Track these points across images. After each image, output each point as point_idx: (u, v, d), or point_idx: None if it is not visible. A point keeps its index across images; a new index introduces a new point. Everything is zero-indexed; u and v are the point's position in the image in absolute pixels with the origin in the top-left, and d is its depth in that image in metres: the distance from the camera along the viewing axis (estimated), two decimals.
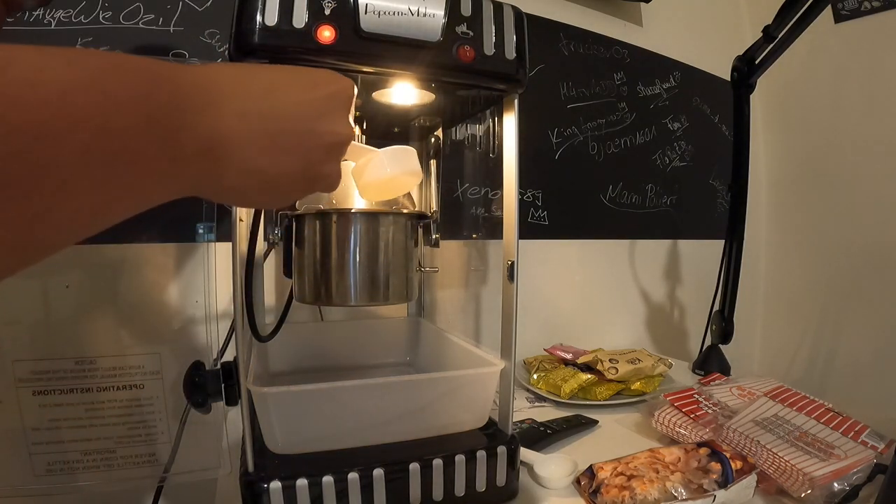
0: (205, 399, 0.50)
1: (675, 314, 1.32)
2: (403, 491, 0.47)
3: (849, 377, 1.27)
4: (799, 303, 1.43)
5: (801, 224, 1.43)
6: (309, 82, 0.31)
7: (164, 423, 0.68)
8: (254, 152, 0.27)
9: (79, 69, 0.18)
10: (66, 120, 0.17)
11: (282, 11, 0.40)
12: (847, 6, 1.26)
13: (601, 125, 1.17)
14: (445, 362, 0.66)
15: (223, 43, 0.75)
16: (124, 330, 0.69)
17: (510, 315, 0.53)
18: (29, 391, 0.62)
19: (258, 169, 0.28)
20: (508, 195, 0.53)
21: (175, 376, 0.68)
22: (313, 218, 0.53)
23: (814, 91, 1.36)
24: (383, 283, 0.54)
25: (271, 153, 0.28)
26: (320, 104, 0.30)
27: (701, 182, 1.39)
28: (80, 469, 0.64)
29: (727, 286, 0.98)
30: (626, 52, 1.21)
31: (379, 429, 0.49)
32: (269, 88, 0.28)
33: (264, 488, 0.43)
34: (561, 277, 1.13)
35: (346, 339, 0.76)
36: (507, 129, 0.53)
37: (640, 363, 0.83)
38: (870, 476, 0.52)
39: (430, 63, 0.45)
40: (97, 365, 0.65)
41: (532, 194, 1.08)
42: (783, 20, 0.79)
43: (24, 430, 0.62)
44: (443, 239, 0.68)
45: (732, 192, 0.98)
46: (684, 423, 0.65)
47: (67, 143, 0.18)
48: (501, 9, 0.48)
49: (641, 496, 0.49)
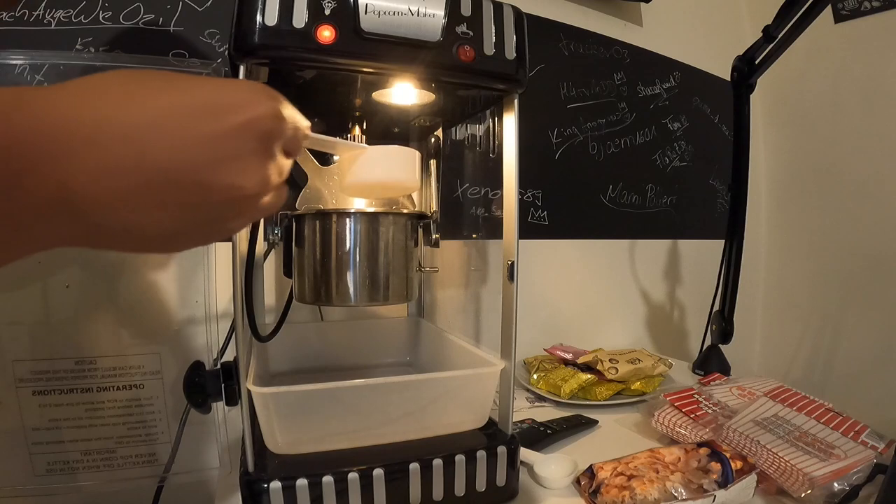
0: (205, 399, 0.50)
1: (675, 314, 1.32)
2: (403, 491, 0.47)
3: (849, 377, 1.27)
4: (799, 303, 1.43)
5: (801, 224, 1.43)
6: (208, 110, 0.22)
7: (164, 423, 0.68)
8: (119, 212, 0.21)
9: None
10: None
11: (282, 11, 0.40)
12: (847, 6, 1.26)
13: (601, 125, 1.17)
14: (445, 362, 0.66)
15: (223, 43, 0.75)
16: (124, 330, 0.69)
17: (510, 315, 0.53)
18: (29, 391, 0.62)
19: (129, 228, 0.22)
20: (508, 195, 0.53)
21: (175, 376, 0.68)
22: (313, 218, 0.53)
23: (814, 91, 1.36)
24: (383, 283, 0.54)
25: (144, 211, 0.22)
26: (219, 145, 0.22)
27: (701, 182, 1.39)
28: (80, 469, 0.64)
29: (727, 286, 0.98)
30: (626, 52, 1.21)
31: (379, 429, 0.49)
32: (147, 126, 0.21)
33: (264, 488, 0.43)
34: (561, 277, 1.13)
35: (346, 339, 0.76)
36: (507, 129, 0.53)
37: (640, 363, 0.83)
38: (870, 476, 0.52)
39: (430, 63, 0.45)
40: (97, 365, 0.65)
41: (532, 194, 1.08)
42: (783, 20, 0.79)
43: (24, 429, 0.62)
44: (443, 239, 0.68)
45: (732, 192, 0.98)
46: (684, 423, 0.65)
47: None
48: (501, 9, 0.48)
49: (641, 496, 0.49)
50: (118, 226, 0.21)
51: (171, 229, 0.23)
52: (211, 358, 0.68)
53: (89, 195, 0.20)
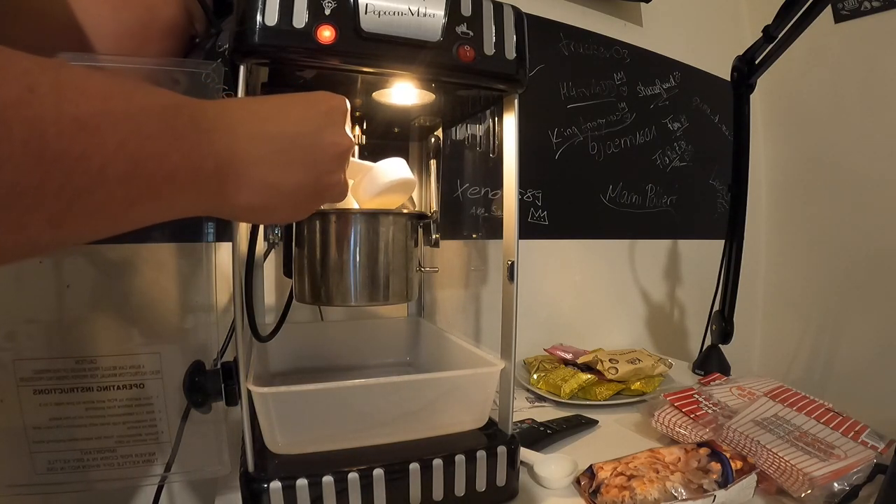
0: (205, 399, 0.50)
1: (675, 314, 1.32)
2: (403, 491, 0.47)
3: (849, 377, 1.27)
4: (799, 303, 1.43)
5: (801, 224, 1.43)
6: (307, 103, 0.34)
7: (165, 422, 0.68)
8: (266, 169, 0.30)
9: (119, 81, 0.22)
10: (108, 118, 0.21)
11: (282, 11, 0.40)
12: (847, 6, 1.26)
13: (601, 125, 1.17)
14: (445, 362, 0.66)
15: (223, 43, 0.75)
16: (125, 329, 0.69)
17: (510, 315, 0.53)
18: (30, 390, 0.62)
19: (272, 184, 0.30)
20: (508, 195, 0.53)
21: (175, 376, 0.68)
22: (313, 218, 0.53)
23: (814, 91, 1.36)
24: (383, 284, 0.54)
25: (283, 168, 0.31)
26: (320, 119, 0.34)
27: (701, 182, 1.39)
28: (80, 468, 0.64)
29: (727, 286, 0.98)
30: (626, 52, 1.21)
31: (379, 429, 0.49)
32: (274, 112, 0.32)
33: (264, 488, 0.43)
34: (561, 277, 1.13)
35: (346, 339, 0.76)
36: (507, 129, 0.53)
37: (640, 363, 0.83)
38: (870, 476, 0.52)
39: (430, 63, 0.45)
40: (97, 364, 0.65)
41: (532, 194, 1.08)
42: (783, 20, 0.79)
43: (24, 428, 0.62)
44: (443, 239, 0.68)
45: (732, 193, 0.98)
46: (684, 423, 0.65)
47: (107, 137, 0.21)
48: (501, 9, 0.48)
49: (641, 496, 0.49)
50: (265, 182, 0.30)
51: (297, 182, 0.32)
52: (211, 358, 0.68)
53: (247, 155, 0.29)
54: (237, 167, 0.28)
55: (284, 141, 0.31)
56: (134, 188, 0.23)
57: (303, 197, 0.33)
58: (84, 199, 0.21)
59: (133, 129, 0.22)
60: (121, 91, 0.22)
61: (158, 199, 0.24)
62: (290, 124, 0.32)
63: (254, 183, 0.29)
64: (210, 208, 0.29)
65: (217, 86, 0.51)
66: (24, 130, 0.18)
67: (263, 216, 0.34)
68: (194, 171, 0.26)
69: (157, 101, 0.24)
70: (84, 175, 0.20)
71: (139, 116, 0.23)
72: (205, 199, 0.28)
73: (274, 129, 0.31)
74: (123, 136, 0.22)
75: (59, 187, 0.20)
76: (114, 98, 0.22)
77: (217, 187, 0.28)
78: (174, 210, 0.26)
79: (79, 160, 0.20)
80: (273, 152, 0.30)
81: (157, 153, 0.23)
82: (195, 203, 0.27)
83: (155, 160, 0.23)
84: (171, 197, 0.25)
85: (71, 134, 0.20)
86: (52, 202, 0.20)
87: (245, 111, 0.30)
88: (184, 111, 0.25)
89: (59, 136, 0.19)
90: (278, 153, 0.31)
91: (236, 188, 0.29)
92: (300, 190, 0.33)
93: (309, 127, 0.33)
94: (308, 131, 0.33)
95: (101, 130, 0.21)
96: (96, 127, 0.21)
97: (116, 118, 0.21)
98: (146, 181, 0.23)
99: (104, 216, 0.22)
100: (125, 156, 0.22)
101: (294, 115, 0.32)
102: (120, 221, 0.24)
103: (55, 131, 0.19)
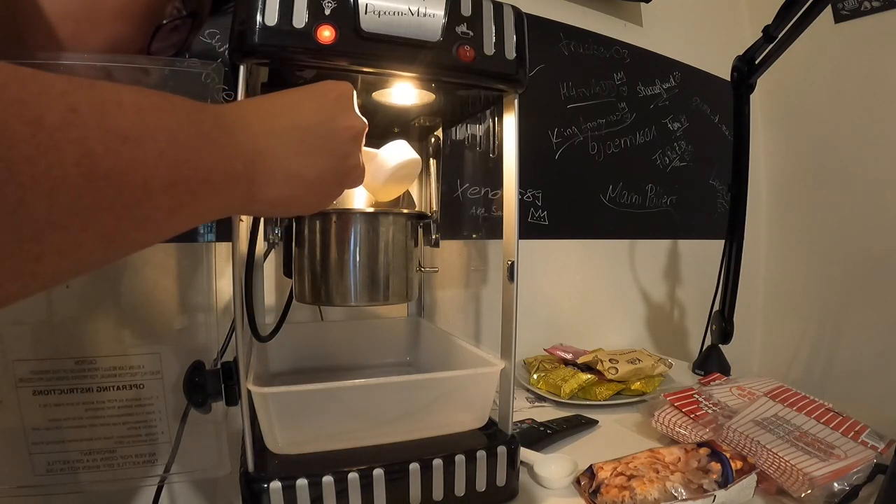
0: (205, 399, 0.50)
1: (675, 314, 1.32)
2: (403, 491, 0.47)
3: (849, 377, 1.27)
4: (799, 303, 1.43)
5: (801, 224, 1.43)
6: (317, 93, 0.35)
7: (165, 422, 0.67)
8: (289, 161, 0.31)
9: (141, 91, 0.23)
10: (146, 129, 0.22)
11: (282, 11, 0.40)
12: (847, 6, 1.26)
13: (601, 125, 1.17)
14: (445, 362, 0.66)
15: (223, 43, 0.75)
16: (124, 330, 0.69)
17: (510, 315, 0.53)
18: (29, 391, 0.62)
19: (296, 174, 0.32)
20: (508, 195, 0.53)
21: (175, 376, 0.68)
22: (313, 218, 0.53)
23: (814, 91, 1.36)
24: (383, 283, 0.54)
25: (304, 158, 0.32)
26: (332, 107, 0.35)
27: (701, 182, 1.39)
28: (80, 468, 0.64)
29: (727, 286, 0.98)
30: (626, 52, 1.21)
31: (379, 429, 0.49)
32: (287, 107, 0.33)
33: (264, 488, 0.43)
34: (561, 277, 1.13)
35: (346, 339, 0.76)
36: (507, 129, 0.53)
37: (640, 363, 0.83)
38: (870, 476, 0.52)
39: (430, 63, 0.45)
40: (97, 365, 0.65)
41: (532, 194, 1.08)
42: (783, 20, 0.79)
43: (24, 429, 0.62)
44: (443, 239, 0.68)
45: (732, 193, 0.98)
46: (684, 423, 0.65)
47: (148, 148, 0.22)
48: (501, 9, 0.48)
49: (641, 496, 0.49)
50: (290, 171, 0.31)
51: (319, 170, 0.33)
52: (211, 358, 0.68)
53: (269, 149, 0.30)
54: (262, 163, 0.29)
55: (302, 132, 0.32)
56: (175, 196, 0.23)
57: (325, 184, 0.35)
58: (132, 212, 0.21)
59: (169, 138, 0.23)
60: (149, 101, 0.23)
61: (196, 203, 0.25)
62: (304, 116, 0.33)
63: (279, 176, 0.31)
64: (240, 206, 0.30)
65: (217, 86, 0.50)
66: (75, 151, 0.18)
67: (291, 208, 0.34)
68: (226, 173, 0.27)
69: (182, 107, 0.25)
70: (132, 187, 0.21)
71: (171, 125, 0.23)
72: (236, 198, 0.29)
73: (290, 123, 0.32)
74: (162, 146, 0.22)
75: (110, 203, 0.20)
76: (147, 109, 0.22)
77: (247, 185, 0.29)
78: (209, 214, 0.27)
79: (126, 173, 0.20)
80: (293, 144, 0.32)
81: (192, 158, 0.24)
82: (227, 203, 0.28)
83: (191, 166, 0.24)
84: (208, 200, 0.26)
85: (116, 149, 0.20)
86: (106, 219, 0.20)
87: (260, 110, 0.31)
88: (207, 115, 0.26)
89: (107, 153, 0.20)
90: (298, 144, 0.32)
91: (263, 183, 0.30)
92: (322, 177, 0.34)
93: (322, 116, 0.34)
94: (322, 120, 0.34)
95: (142, 142, 0.21)
96: (137, 139, 0.21)
97: (153, 129, 0.22)
98: (186, 187, 0.24)
99: (150, 226, 0.23)
100: (165, 164, 0.22)
101: (306, 107, 0.34)
102: (162, 230, 0.24)
103: (103, 149, 0.19)
